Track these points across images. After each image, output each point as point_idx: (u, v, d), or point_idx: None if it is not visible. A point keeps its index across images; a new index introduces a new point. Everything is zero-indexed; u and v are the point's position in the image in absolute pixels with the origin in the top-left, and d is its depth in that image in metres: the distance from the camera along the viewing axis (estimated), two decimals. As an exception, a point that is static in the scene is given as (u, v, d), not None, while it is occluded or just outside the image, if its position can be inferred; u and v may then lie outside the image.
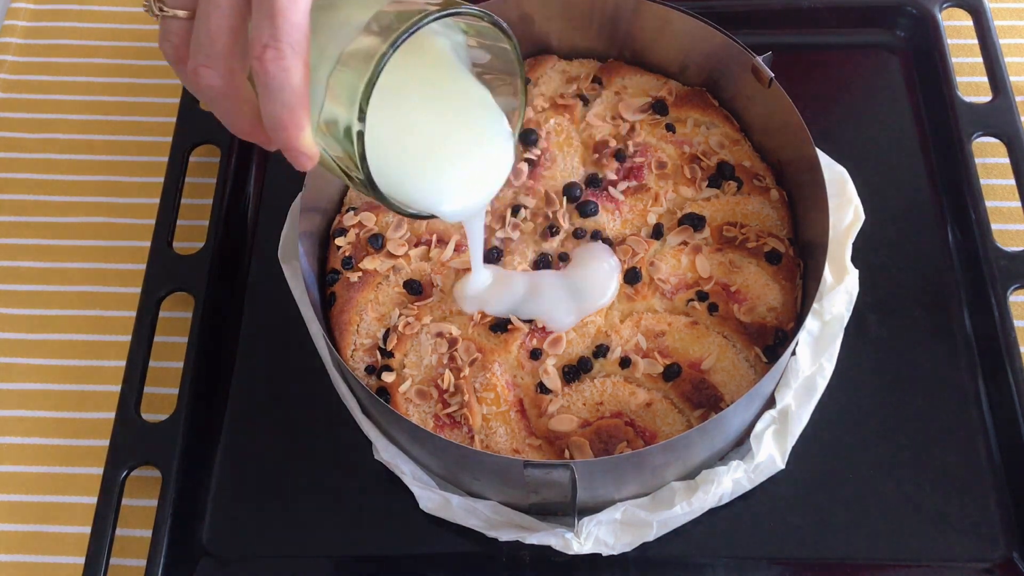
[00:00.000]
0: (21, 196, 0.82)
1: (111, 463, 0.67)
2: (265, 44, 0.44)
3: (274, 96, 0.45)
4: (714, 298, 0.67)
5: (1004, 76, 0.80)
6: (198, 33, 0.47)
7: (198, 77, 0.47)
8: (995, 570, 0.64)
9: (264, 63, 0.44)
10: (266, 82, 0.44)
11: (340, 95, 0.45)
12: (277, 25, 0.44)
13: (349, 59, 0.45)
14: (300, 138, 0.46)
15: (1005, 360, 0.69)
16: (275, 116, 0.45)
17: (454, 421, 0.64)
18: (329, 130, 0.46)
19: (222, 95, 0.48)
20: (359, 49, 0.45)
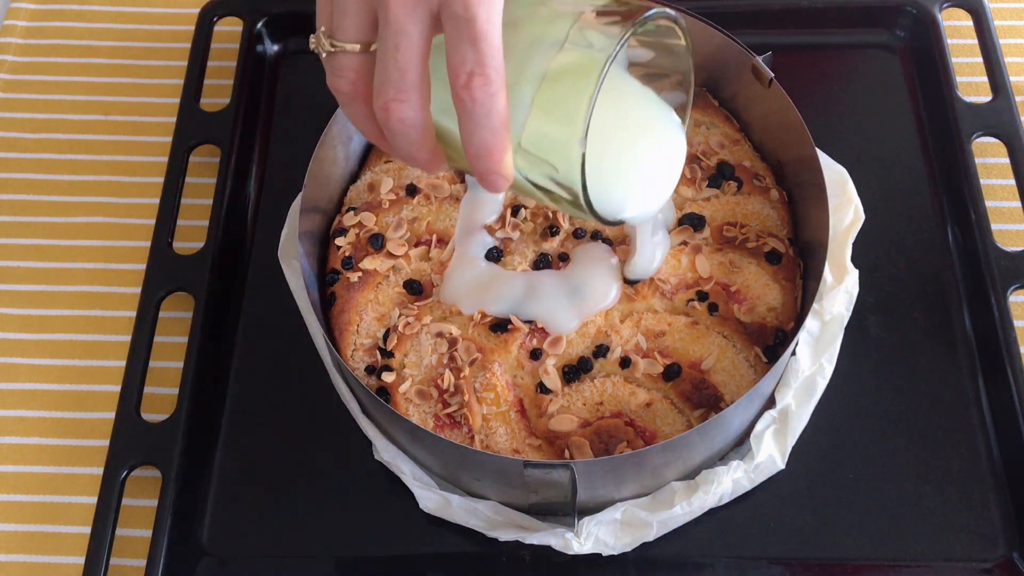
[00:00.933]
0: (21, 196, 0.82)
1: (111, 463, 0.67)
2: (471, 72, 0.43)
3: (481, 123, 0.44)
4: (714, 298, 0.67)
5: (1004, 76, 0.80)
6: (386, 67, 0.45)
7: (390, 112, 0.46)
8: (995, 570, 0.64)
9: (472, 91, 0.43)
10: (473, 109, 0.44)
11: (552, 114, 0.45)
12: (481, 51, 0.43)
13: (560, 76, 0.44)
14: (504, 162, 0.45)
15: (1005, 360, 0.69)
16: (483, 143, 0.45)
17: (454, 421, 0.64)
18: (533, 149, 0.46)
19: (414, 127, 0.47)
20: (569, 65, 0.44)
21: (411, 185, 0.73)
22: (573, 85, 0.44)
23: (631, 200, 0.53)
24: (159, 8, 0.92)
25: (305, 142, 0.68)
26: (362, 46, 0.47)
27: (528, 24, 0.46)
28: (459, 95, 0.44)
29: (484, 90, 0.43)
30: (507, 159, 0.46)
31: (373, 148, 0.76)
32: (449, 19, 0.44)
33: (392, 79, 0.45)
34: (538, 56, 0.45)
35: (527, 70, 0.45)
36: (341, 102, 0.50)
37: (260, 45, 0.87)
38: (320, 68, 0.47)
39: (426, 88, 0.46)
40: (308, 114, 0.76)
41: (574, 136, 0.44)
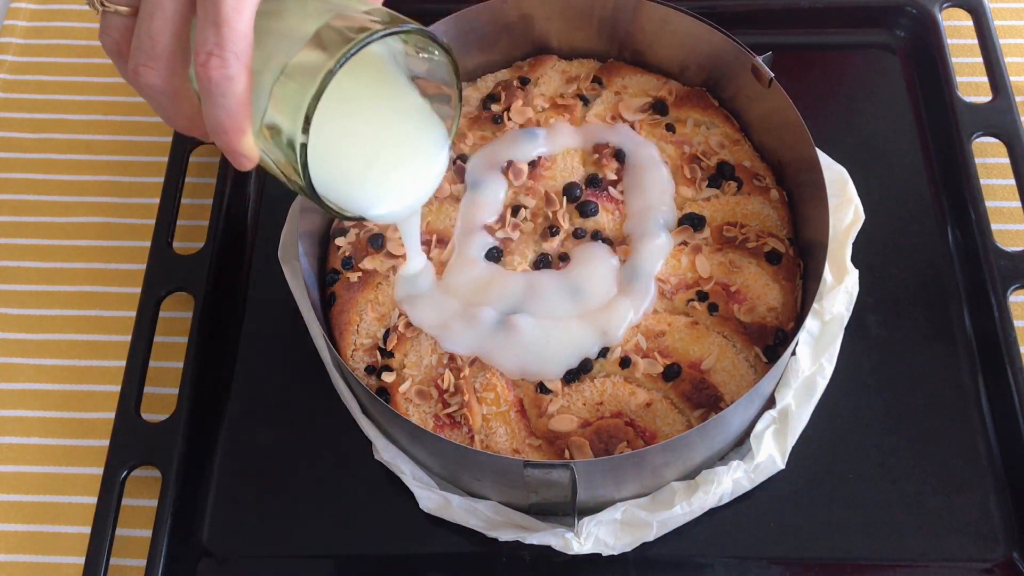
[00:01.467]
0: (21, 196, 0.82)
1: (111, 463, 0.67)
2: (209, 52, 0.45)
3: (216, 102, 0.46)
4: (714, 298, 0.67)
5: (1004, 76, 0.80)
6: (139, 33, 0.47)
7: (138, 76, 0.48)
8: (995, 570, 0.64)
9: (208, 70, 0.45)
10: (209, 89, 0.45)
11: (284, 106, 0.47)
12: (222, 34, 0.45)
13: (294, 71, 0.46)
14: (241, 142, 0.47)
15: (1005, 360, 0.69)
16: (217, 120, 0.46)
17: (454, 421, 0.64)
18: (270, 135, 0.48)
19: (161, 93, 0.49)
20: (304, 63, 0.46)
21: (411, 185, 0.73)
22: (302, 83, 0.46)
23: (367, 200, 0.54)
24: (159, 8, 0.92)
25: (305, 142, 0.68)
26: (130, 9, 0.49)
27: (287, 16, 0.48)
28: (197, 72, 0.45)
29: (220, 71, 0.45)
30: (244, 140, 0.47)
31: (373, 148, 0.76)
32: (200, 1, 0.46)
33: (144, 46, 0.47)
34: (284, 48, 0.47)
35: (272, 60, 0.47)
36: (109, 57, 0.51)
37: (260, 45, 0.87)
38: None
39: (176, 59, 0.48)
40: (308, 114, 0.76)
41: (296, 130, 0.46)
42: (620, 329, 0.65)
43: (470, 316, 0.66)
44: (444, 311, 0.67)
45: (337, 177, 0.52)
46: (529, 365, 0.65)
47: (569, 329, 0.65)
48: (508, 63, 0.79)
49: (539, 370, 0.64)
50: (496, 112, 0.75)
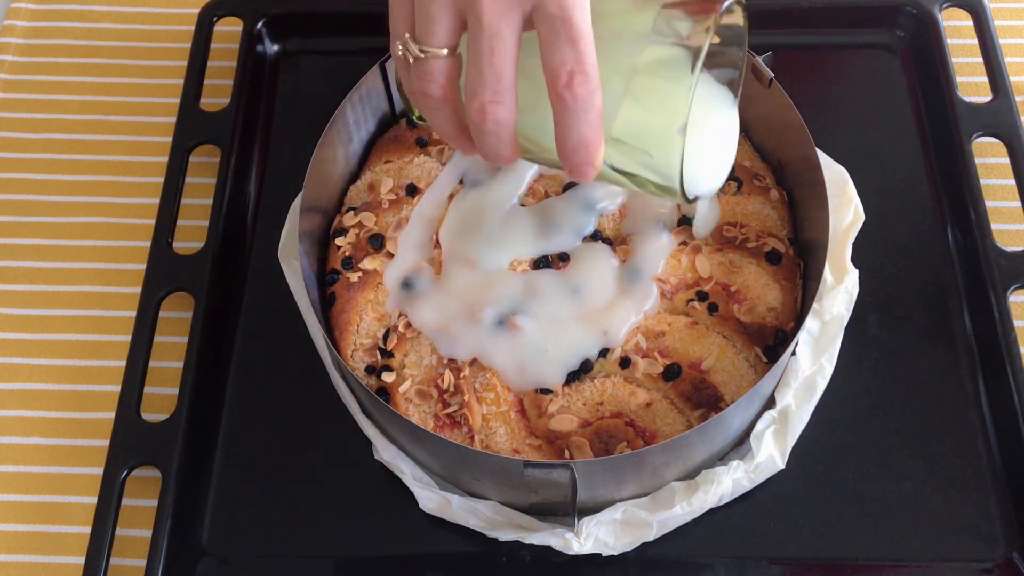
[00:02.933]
0: (21, 196, 0.82)
1: (111, 463, 0.67)
2: (572, 71, 0.44)
3: (581, 119, 0.45)
4: (714, 298, 0.67)
5: (1004, 76, 0.80)
6: (481, 69, 0.46)
7: (486, 115, 0.47)
8: (995, 570, 0.64)
9: (574, 89, 0.45)
10: (575, 107, 0.45)
11: (649, 103, 0.46)
12: (580, 50, 0.44)
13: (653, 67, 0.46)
14: (599, 152, 0.47)
15: (1005, 360, 0.69)
16: (582, 137, 0.46)
17: (454, 421, 0.64)
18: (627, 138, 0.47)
19: (507, 127, 0.48)
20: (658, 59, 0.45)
21: (411, 185, 0.73)
22: (669, 76, 0.45)
23: (709, 177, 0.55)
24: (159, 8, 0.92)
25: (305, 142, 0.68)
26: (450, 50, 0.48)
27: (610, 16, 0.47)
28: (560, 94, 0.45)
29: (585, 87, 0.45)
30: (602, 150, 0.47)
31: (373, 148, 0.76)
32: (544, 20, 0.45)
33: (488, 82, 0.46)
34: (626, 48, 0.46)
35: (617, 62, 0.46)
36: (426, 106, 0.50)
37: (260, 45, 0.87)
38: (320, 68, 0.47)
39: (516, 89, 0.47)
40: (308, 114, 0.76)
41: (673, 124, 0.46)
42: (621, 330, 0.65)
43: (470, 315, 0.66)
44: (444, 311, 0.67)
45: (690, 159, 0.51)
46: (529, 366, 0.64)
47: (569, 330, 0.65)
48: (508, 63, 0.79)
49: (538, 371, 0.64)
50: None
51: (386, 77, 0.72)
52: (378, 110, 0.75)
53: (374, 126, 0.76)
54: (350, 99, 0.70)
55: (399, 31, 0.50)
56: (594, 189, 0.70)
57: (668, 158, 0.47)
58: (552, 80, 0.45)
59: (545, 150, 0.52)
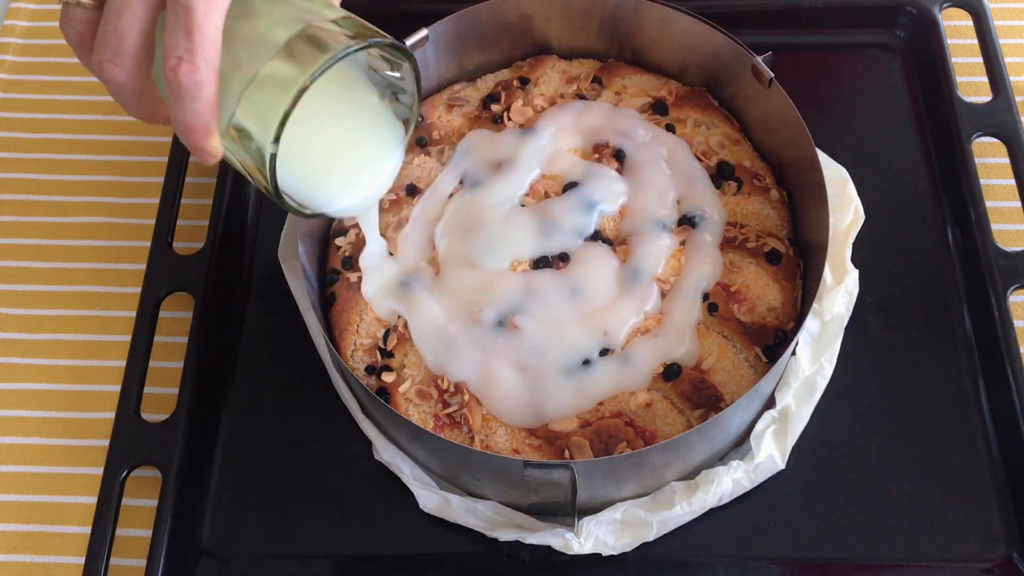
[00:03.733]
0: (21, 196, 0.82)
1: (111, 463, 0.67)
2: (180, 56, 0.45)
3: (185, 105, 0.46)
4: (714, 298, 0.67)
5: (1004, 76, 0.80)
6: (105, 29, 0.48)
7: (102, 71, 0.48)
8: (995, 570, 0.64)
9: (178, 75, 0.46)
10: (178, 92, 0.46)
11: (253, 113, 0.48)
12: (193, 39, 0.45)
13: (265, 81, 0.47)
14: (207, 141, 0.48)
15: (1005, 360, 0.69)
16: (184, 121, 0.47)
17: (454, 421, 0.64)
18: (238, 136, 0.49)
19: (124, 88, 0.49)
20: (276, 74, 0.47)
21: (411, 185, 0.73)
22: (273, 95, 0.47)
23: (325, 197, 0.56)
24: (159, 8, 0.92)
25: (305, 142, 0.68)
26: (94, 2, 0.49)
27: (256, 21, 0.49)
28: (167, 75, 0.46)
29: (190, 76, 0.46)
30: (211, 140, 0.48)
31: (373, 148, 0.76)
32: (171, 3, 0.46)
33: (109, 43, 0.48)
34: (254, 55, 0.48)
35: (241, 66, 0.48)
36: (71, 47, 0.52)
37: (260, 45, 0.87)
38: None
39: (142, 55, 0.48)
40: (308, 114, 0.76)
41: (267, 139, 0.47)
42: (622, 331, 0.65)
43: (470, 315, 0.66)
44: (444, 312, 0.67)
45: (300, 178, 0.53)
46: (529, 366, 0.64)
47: (569, 330, 0.65)
48: (508, 63, 0.79)
49: (538, 371, 0.64)
50: (496, 112, 0.75)
51: (386, 77, 0.72)
52: (378, 110, 0.75)
53: (374, 126, 0.76)
54: (350, 99, 0.70)
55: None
56: (594, 189, 0.70)
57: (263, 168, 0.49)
58: (164, 60, 0.46)
59: None
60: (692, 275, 0.68)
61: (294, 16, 0.49)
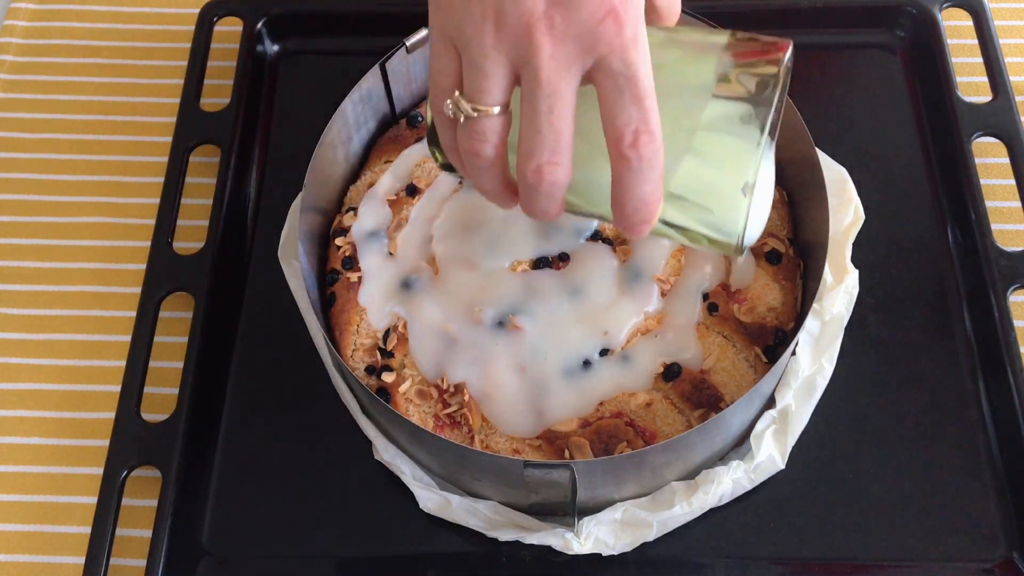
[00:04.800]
0: (21, 196, 0.82)
1: (111, 463, 0.67)
2: (637, 130, 0.43)
3: (645, 178, 0.44)
4: (714, 298, 0.67)
5: (1004, 76, 0.80)
6: (539, 128, 0.44)
7: (543, 176, 0.45)
8: (995, 570, 0.64)
9: (639, 149, 0.43)
10: (639, 167, 0.44)
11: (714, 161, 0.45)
12: (646, 108, 0.43)
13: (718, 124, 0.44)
14: (658, 210, 0.46)
15: (1005, 360, 0.69)
16: (644, 196, 0.45)
17: (454, 421, 0.64)
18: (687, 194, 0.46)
19: (563, 188, 0.46)
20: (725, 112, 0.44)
21: (411, 185, 0.73)
22: (734, 132, 0.44)
23: (758, 228, 0.53)
24: (159, 8, 0.92)
25: (305, 142, 0.69)
26: (502, 107, 0.46)
27: (666, 67, 0.46)
28: (624, 154, 0.44)
29: (650, 147, 0.43)
30: (660, 208, 0.46)
31: (373, 148, 0.76)
32: (607, 77, 0.43)
33: (547, 143, 0.44)
34: (688, 102, 0.45)
35: (678, 117, 0.45)
36: (475, 165, 0.48)
37: (260, 45, 0.87)
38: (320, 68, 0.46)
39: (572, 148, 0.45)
40: (308, 114, 0.76)
41: (738, 183, 0.44)
42: (622, 331, 0.65)
43: (470, 315, 0.66)
44: (444, 312, 0.67)
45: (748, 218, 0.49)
46: (529, 367, 0.64)
47: (569, 330, 0.65)
48: (508, 63, 0.79)
49: (538, 372, 0.64)
50: (496, 112, 0.75)
51: (386, 77, 0.72)
52: (378, 110, 0.75)
53: (374, 126, 0.76)
54: (350, 99, 0.70)
55: (445, 86, 0.47)
56: None
57: (731, 216, 0.46)
58: (615, 139, 0.44)
59: (594, 204, 0.50)
60: (692, 275, 0.68)
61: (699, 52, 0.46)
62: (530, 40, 0.43)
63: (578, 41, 0.43)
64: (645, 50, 0.44)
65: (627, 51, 0.43)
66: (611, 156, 0.44)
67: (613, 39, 0.43)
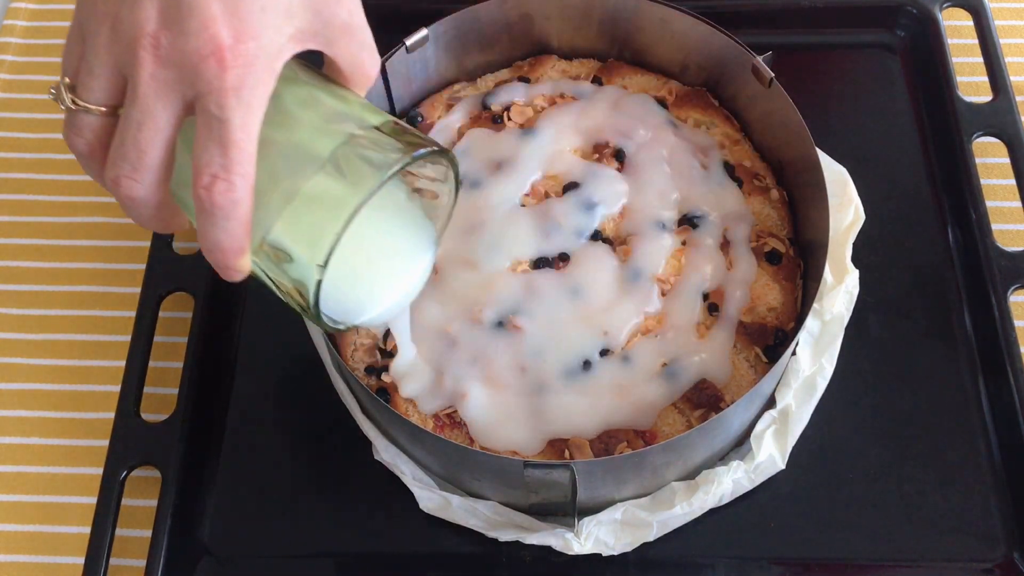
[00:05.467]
0: (21, 196, 0.82)
1: (111, 463, 0.67)
2: (215, 174, 0.42)
3: (218, 224, 0.43)
4: (714, 298, 0.67)
5: (1004, 76, 0.80)
6: (124, 142, 0.43)
7: (119, 186, 0.44)
8: (995, 570, 0.64)
9: (212, 194, 0.42)
10: (212, 212, 0.43)
11: (296, 232, 0.45)
12: (229, 156, 0.42)
13: (311, 200, 0.44)
14: (238, 260, 0.45)
15: (1005, 360, 0.69)
16: (215, 240, 0.44)
17: (454, 421, 0.64)
18: (272, 253, 0.46)
19: (142, 204, 0.45)
20: (323, 191, 0.44)
21: (411, 185, 0.73)
22: (323, 214, 0.44)
23: (361, 312, 0.53)
24: (159, 8, 0.92)
25: (305, 142, 0.68)
26: (107, 109, 0.45)
27: (296, 128, 0.45)
28: (199, 194, 0.42)
29: (226, 196, 0.42)
30: (243, 258, 0.45)
31: (373, 148, 0.76)
32: (202, 113, 0.42)
33: (129, 157, 0.43)
34: (295, 169, 0.44)
35: (281, 180, 0.44)
36: (76, 157, 0.47)
37: (260, 45, 0.87)
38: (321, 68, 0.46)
39: (164, 169, 0.44)
40: (308, 114, 0.76)
41: (314, 260, 0.44)
42: (623, 331, 0.65)
43: (470, 316, 0.66)
44: (444, 312, 0.67)
45: (336, 292, 0.49)
46: (529, 367, 0.64)
47: (569, 331, 0.65)
48: (508, 63, 0.79)
49: (539, 372, 0.64)
50: (496, 112, 0.75)
51: (386, 77, 0.72)
52: (378, 110, 0.75)
53: (374, 126, 0.76)
54: (350, 99, 0.70)
55: (66, 68, 0.46)
56: (595, 190, 0.70)
57: (306, 285, 0.46)
58: (196, 177, 0.42)
59: None
60: (692, 275, 0.68)
61: (334, 123, 0.45)
62: (134, 54, 0.42)
63: (179, 70, 0.42)
64: (251, 101, 0.42)
65: (225, 96, 0.42)
66: (193, 194, 0.43)
67: (212, 79, 0.42)
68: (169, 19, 0.42)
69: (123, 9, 0.43)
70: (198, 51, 0.42)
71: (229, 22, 0.42)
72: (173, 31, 0.42)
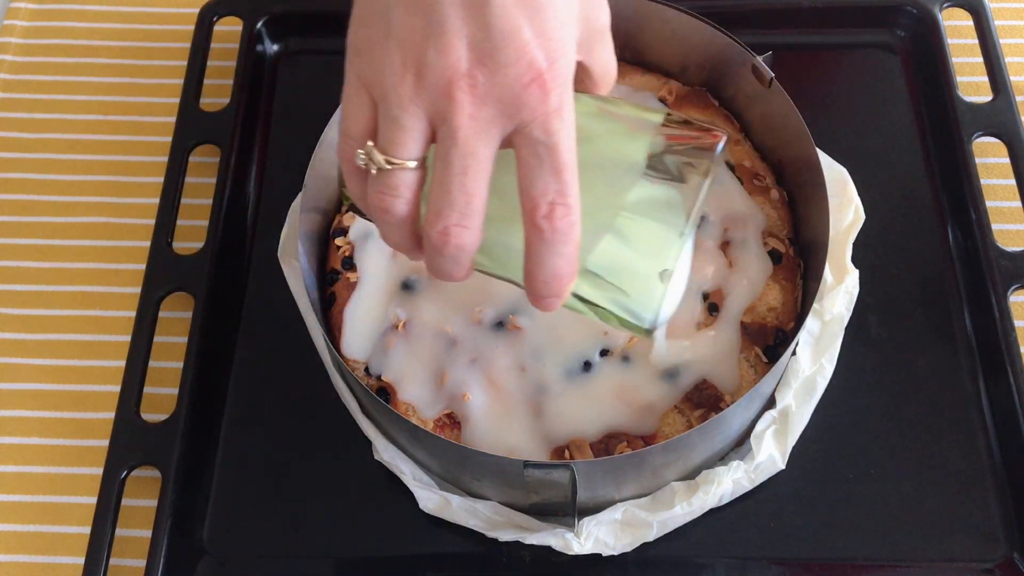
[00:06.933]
0: (21, 196, 0.82)
1: (111, 463, 0.67)
2: (553, 202, 0.41)
3: (558, 251, 0.42)
4: (714, 298, 0.67)
5: (1004, 76, 0.80)
6: (450, 189, 0.42)
7: (448, 238, 0.43)
8: (995, 570, 0.64)
9: (554, 221, 0.41)
10: (552, 239, 0.42)
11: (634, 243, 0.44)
12: (564, 180, 0.41)
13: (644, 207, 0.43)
14: (570, 287, 0.44)
15: (1005, 360, 0.69)
16: (555, 270, 0.43)
17: (454, 421, 0.64)
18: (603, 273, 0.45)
19: (469, 252, 0.44)
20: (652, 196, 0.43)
21: (411, 185, 0.72)
22: (661, 219, 0.43)
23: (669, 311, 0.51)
24: (159, 8, 0.92)
25: (305, 142, 0.68)
26: (419, 162, 0.43)
27: (597, 139, 0.44)
28: (538, 224, 0.42)
29: (566, 220, 0.42)
30: (573, 284, 0.44)
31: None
32: (526, 144, 0.41)
33: (457, 204, 0.42)
34: (614, 179, 0.44)
35: (602, 193, 0.43)
36: (384, 221, 0.45)
37: (260, 45, 0.87)
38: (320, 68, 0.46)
39: (484, 212, 0.43)
40: (308, 114, 0.76)
41: (657, 269, 0.43)
42: (621, 330, 0.65)
43: (469, 315, 0.66)
44: (444, 312, 0.66)
45: None
46: (529, 367, 0.64)
47: (570, 330, 0.65)
48: (508, 63, 0.79)
49: (539, 372, 0.64)
50: (496, 112, 0.75)
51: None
52: (378, 110, 0.75)
53: (374, 126, 0.76)
54: (350, 99, 0.70)
55: (356, 133, 0.44)
56: None
57: (645, 300, 0.45)
58: (530, 209, 0.42)
59: (507, 270, 0.48)
60: (692, 275, 0.67)
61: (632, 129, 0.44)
62: (450, 97, 0.41)
63: (500, 104, 0.41)
64: (570, 120, 0.42)
65: (550, 120, 0.41)
66: (525, 225, 0.43)
67: (536, 106, 0.41)
68: (483, 54, 0.41)
69: (428, 55, 0.41)
70: (519, 80, 0.41)
71: (540, 44, 0.41)
72: (489, 66, 0.41)
